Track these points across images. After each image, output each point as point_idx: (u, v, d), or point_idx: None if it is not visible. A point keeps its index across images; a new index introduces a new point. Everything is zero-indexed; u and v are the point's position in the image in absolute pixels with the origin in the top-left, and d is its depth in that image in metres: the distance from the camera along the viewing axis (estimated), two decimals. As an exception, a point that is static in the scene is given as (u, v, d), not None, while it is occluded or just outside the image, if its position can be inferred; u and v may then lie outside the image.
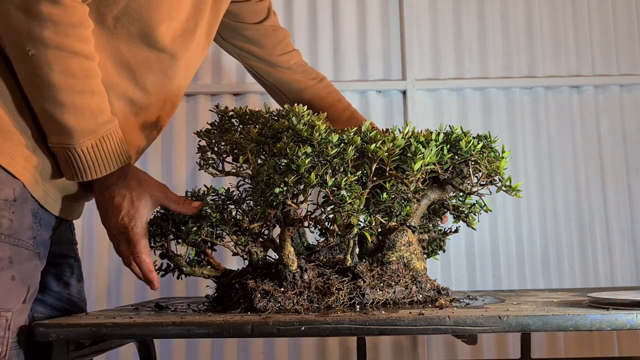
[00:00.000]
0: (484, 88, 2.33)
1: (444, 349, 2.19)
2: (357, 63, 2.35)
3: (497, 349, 2.20)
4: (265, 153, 1.05)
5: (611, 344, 2.20)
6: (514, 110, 2.33)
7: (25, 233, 0.97)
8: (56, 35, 0.91)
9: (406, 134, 1.09)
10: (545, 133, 2.33)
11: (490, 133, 1.17)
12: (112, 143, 0.99)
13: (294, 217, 1.02)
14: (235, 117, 1.15)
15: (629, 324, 0.90)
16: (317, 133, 0.97)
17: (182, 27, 1.10)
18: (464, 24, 2.36)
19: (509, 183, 1.15)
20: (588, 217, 2.28)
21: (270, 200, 0.95)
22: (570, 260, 2.26)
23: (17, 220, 0.95)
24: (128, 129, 1.08)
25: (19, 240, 0.95)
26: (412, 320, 0.89)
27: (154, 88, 1.11)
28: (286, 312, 0.98)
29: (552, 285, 2.24)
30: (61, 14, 0.91)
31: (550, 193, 2.29)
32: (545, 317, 0.89)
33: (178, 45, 1.11)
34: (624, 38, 2.37)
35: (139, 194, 1.03)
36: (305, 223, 1.02)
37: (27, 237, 0.97)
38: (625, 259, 2.26)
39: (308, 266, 1.04)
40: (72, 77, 0.94)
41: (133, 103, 1.10)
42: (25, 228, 0.97)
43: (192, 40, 1.14)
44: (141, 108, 1.11)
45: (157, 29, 1.05)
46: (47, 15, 0.91)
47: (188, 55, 1.15)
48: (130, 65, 1.07)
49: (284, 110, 1.06)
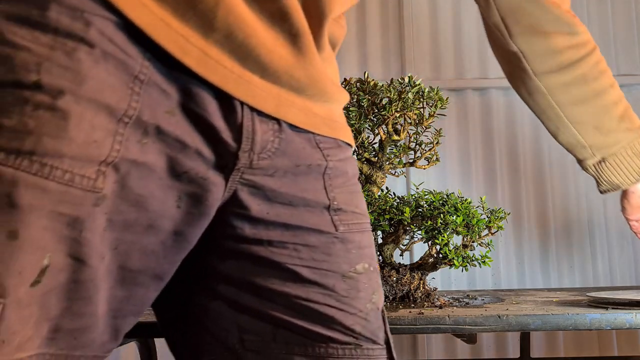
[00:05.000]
0: (483, 88, 2.34)
1: (443, 348, 2.20)
2: (356, 63, 2.35)
3: (497, 349, 2.20)
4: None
5: (610, 343, 2.20)
6: (514, 110, 2.34)
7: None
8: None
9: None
10: (544, 133, 2.32)
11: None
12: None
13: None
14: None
15: (628, 324, 0.90)
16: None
17: None
18: (464, 24, 2.36)
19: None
20: (587, 217, 2.29)
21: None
22: (569, 260, 2.26)
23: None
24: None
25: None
26: (412, 319, 0.89)
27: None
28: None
29: (552, 284, 2.24)
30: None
31: (549, 193, 2.29)
32: (545, 317, 0.90)
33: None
34: (623, 38, 2.37)
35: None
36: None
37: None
38: (624, 258, 2.26)
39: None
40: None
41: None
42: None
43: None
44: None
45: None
46: None
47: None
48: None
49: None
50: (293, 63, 0.59)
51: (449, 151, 2.26)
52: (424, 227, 1.09)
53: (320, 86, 0.63)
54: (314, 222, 0.63)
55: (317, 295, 0.62)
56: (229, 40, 0.54)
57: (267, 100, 0.58)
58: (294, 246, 0.62)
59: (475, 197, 1.23)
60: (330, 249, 0.63)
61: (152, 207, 0.53)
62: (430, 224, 1.09)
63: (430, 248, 1.12)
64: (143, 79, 0.52)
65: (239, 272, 0.62)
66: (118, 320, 0.56)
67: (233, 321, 0.63)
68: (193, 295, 0.65)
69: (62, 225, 0.48)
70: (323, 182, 0.64)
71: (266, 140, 0.59)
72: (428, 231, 1.10)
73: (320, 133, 0.65)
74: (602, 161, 1.10)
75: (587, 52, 1.01)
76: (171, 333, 0.70)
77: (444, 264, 1.10)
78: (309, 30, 0.60)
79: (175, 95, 0.54)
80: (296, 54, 0.60)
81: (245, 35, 0.55)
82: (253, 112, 0.57)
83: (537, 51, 1.02)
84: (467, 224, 1.09)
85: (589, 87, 1.02)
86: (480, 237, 1.12)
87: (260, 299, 0.62)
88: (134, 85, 0.51)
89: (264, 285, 0.62)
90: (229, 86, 0.55)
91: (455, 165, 2.28)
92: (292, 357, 0.61)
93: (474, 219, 1.09)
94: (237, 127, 0.57)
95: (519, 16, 0.99)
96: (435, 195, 1.15)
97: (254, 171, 0.59)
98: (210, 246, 0.62)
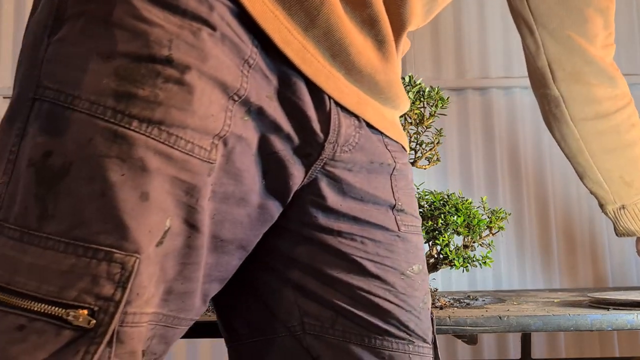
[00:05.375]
0: (484, 88, 2.33)
1: (444, 349, 2.19)
2: (357, 63, 2.34)
3: (498, 350, 2.19)
4: None
5: (612, 344, 2.20)
6: (515, 110, 2.33)
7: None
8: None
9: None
10: (546, 133, 2.32)
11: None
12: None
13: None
14: None
15: (630, 324, 0.90)
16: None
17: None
18: (465, 24, 2.36)
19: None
20: (589, 217, 2.28)
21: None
22: (571, 260, 2.26)
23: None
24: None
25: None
26: (412, 320, 0.89)
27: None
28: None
29: (553, 285, 2.24)
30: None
31: (551, 193, 2.29)
32: (546, 317, 0.89)
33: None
34: (624, 38, 2.37)
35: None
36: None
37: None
38: (626, 258, 2.26)
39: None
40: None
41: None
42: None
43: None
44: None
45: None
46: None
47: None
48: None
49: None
50: (377, 66, 0.64)
51: (449, 151, 2.25)
52: (425, 227, 1.09)
53: (394, 91, 0.68)
54: (381, 219, 0.66)
55: (379, 289, 0.65)
56: (326, 37, 0.59)
57: (351, 97, 0.62)
58: (362, 239, 0.65)
59: (476, 197, 1.23)
60: (393, 246, 0.67)
61: (246, 181, 0.57)
62: (430, 224, 1.08)
63: (430, 248, 1.12)
64: (252, 64, 0.55)
65: (307, 257, 0.65)
66: (206, 285, 0.59)
67: (296, 304, 0.66)
68: (260, 272, 0.68)
69: (181, 192, 0.51)
70: (390, 182, 0.68)
71: (349, 134, 0.63)
72: (429, 231, 1.09)
73: (389, 135, 0.69)
74: (621, 208, 1.17)
75: (624, 105, 1.10)
76: (232, 307, 0.72)
77: (445, 264, 1.09)
78: (393, 38, 0.65)
79: (274, 82, 0.58)
80: (381, 59, 0.64)
81: (342, 34, 0.59)
82: (338, 106, 0.61)
83: (578, 98, 1.10)
84: (468, 225, 1.09)
85: (621, 138, 1.10)
86: (481, 237, 1.11)
87: (324, 286, 0.65)
88: (243, 68, 0.55)
89: (329, 274, 0.65)
90: (320, 79, 0.59)
91: (456, 165, 2.27)
92: (348, 344, 0.64)
93: (474, 219, 1.09)
94: (325, 119, 0.61)
95: (565, 64, 1.07)
96: (436, 196, 1.15)
97: (336, 163, 0.63)
98: (282, 229, 0.65)
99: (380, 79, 0.65)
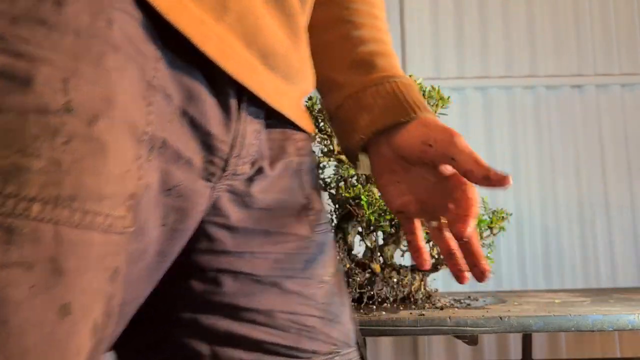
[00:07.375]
0: (485, 87, 2.33)
1: (444, 350, 2.19)
2: (357, 63, 2.34)
3: (498, 350, 2.19)
4: None
5: (613, 344, 2.19)
6: (515, 110, 2.33)
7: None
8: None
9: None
10: (546, 133, 2.32)
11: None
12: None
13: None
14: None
15: (631, 325, 0.89)
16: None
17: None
18: (465, 23, 2.36)
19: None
20: (590, 217, 2.28)
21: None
22: (571, 261, 2.25)
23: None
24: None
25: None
26: (413, 321, 0.88)
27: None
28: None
29: (553, 285, 2.23)
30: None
31: (551, 193, 2.28)
32: (547, 318, 0.89)
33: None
34: (625, 37, 2.37)
35: None
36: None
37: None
38: (626, 259, 2.25)
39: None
40: None
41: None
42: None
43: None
44: None
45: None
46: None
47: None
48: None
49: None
50: (288, 45, 0.54)
51: (450, 151, 2.25)
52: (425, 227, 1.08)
53: (305, 70, 0.59)
54: (293, 226, 0.58)
55: (301, 306, 0.57)
56: (240, 23, 0.48)
57: (270, 89, 0.53)
58: (276, 256, 0.56)
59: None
60: (308, 254, 0.59)
61: (148, 232, 0.45)
62: (431, 225, 1.08)
63: (431, 249, 1.11)
64: (155, 84, 0.43)
65: (220, 295, 0.55)
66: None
67: (215, 358, 0.55)
68: (168, 329, 0.56)
69: (105, 282, 0.39)
70: (298, 179, 0.60)
71: (251, 143, 0.53)
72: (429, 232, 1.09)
73: (299, 125, 0.60)
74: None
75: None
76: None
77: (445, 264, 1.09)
78: (299, 9, 0.55)
79: (176, 98, 0.46)
80: (290, 35, 0.54)
81: (256, 16, 0.49)
82: (246, 110, 0.52)
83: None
84: (469, 225, 1.08)
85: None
86: (482, 237, 1.11)
87: (243, 324, 0.54)
88: (148, 95, 0.42)
89: (245, 307, 0.54)
90: (244, 75, 0.49)
91: (456, 166, 2.27)
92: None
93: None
94: (230, 130, 0.50)
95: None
96: (436, 196, 1.14)
97: (236, 176, 0.53)
98: (187, 266, 0.54)
99: (293, 59, 0.55)
